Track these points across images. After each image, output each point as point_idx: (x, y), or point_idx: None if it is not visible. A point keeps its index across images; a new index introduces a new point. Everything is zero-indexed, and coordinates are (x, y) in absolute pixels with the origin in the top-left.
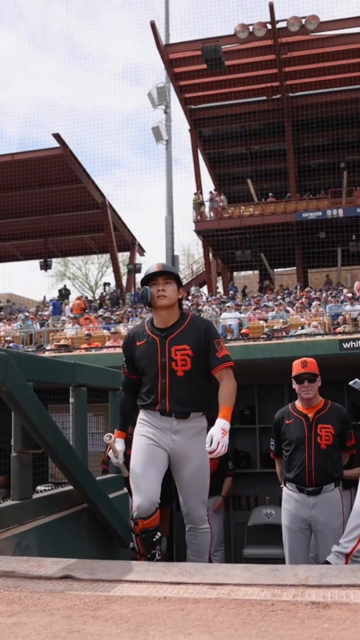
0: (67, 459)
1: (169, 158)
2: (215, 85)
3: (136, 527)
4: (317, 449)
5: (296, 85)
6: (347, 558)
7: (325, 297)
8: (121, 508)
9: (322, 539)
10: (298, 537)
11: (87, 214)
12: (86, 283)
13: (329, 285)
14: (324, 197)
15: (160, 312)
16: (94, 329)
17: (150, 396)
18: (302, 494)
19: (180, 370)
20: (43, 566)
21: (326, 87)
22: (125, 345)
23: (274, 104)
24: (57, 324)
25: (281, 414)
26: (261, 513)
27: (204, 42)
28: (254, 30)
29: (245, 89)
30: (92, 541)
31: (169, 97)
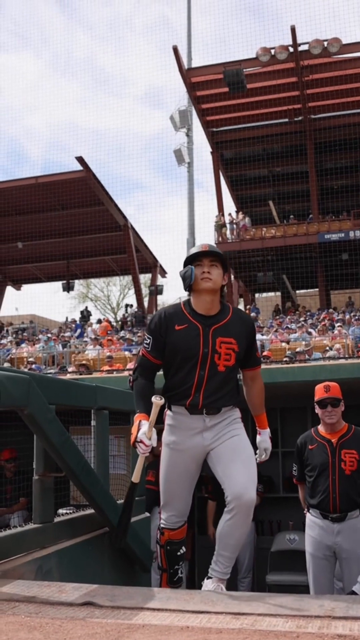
0: (89, 482)
1: (190, 180)
2: (237, 108)
3: (162, 537)
4: (341, 475)
5: (318, 107)
6: None
7: (349, 319)
8: (142, 532)
9: (347, 567)
10: (322, 565)
11: (109, 235)
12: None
13: (352, 306)
14: (346, 218)
15: (203, 296)
16: (116, 350)
17: (181, 387)
18: (326, 521)
19: (222, 365)
20: (64, 592)
21: (348, 109)
22: (157, 325)
23: (295, 126)
24: (79, 345)
25: (304, 439)
26: (284, 539)
27: (226, 65)
28: (275, 53)
29: (267, 111)
30: (113, 566)
31: (190, 120)
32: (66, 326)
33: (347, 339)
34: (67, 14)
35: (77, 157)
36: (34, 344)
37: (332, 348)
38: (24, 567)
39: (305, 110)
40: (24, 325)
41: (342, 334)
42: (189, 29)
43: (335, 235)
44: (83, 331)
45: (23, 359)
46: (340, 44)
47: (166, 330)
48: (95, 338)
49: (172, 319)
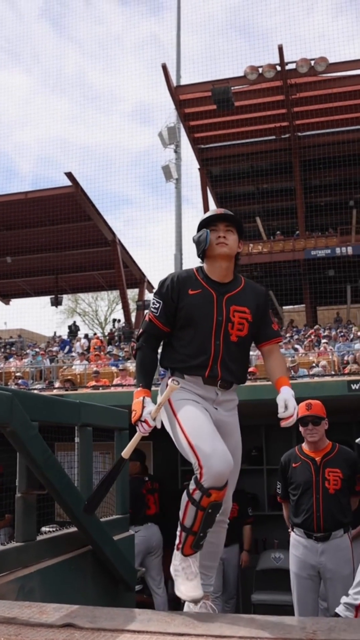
0: (72, 500)
1: (178, 196)
2: (224, 126)
3: (206, 498)
4: (325, 494)
5: (305, 125)
6: (357, 610)
7: (335, 335)
8: (126, 550)
9: (331, 587)
10: (307, 585)
11: (98, 251)
12: (96, 319)
13: (339, 323)
14: (332, 235)
15: (218, 262)
16: (103, 365)
17: (198, 358)
18: (310, 540)
19: (235, 335)
20: (45, 612)
21: (334, 127)
22: (169, 289)
23: (282, 143)
24: (66, 360)
25: (288, 457)
26: (270, 557)
27: (214, 83)
28: (263, 71)
29: (254, 128)
30: (96, 585)
31: (179, 137)
32: (54, 341)
33: (332, 356)
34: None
35: (66, 172)
36: (21, 359)
37: (318, 364)
38: (6, 586)
39: (292, 128)
40: (12, 340)
41: (328, 351)
42: (178, 47)
43: (321, 252)
44: (71, 346)
45: (11, 373)
46: (326, 63)
47: (178, 294)
48: (82, 353)
49: (186, 283)
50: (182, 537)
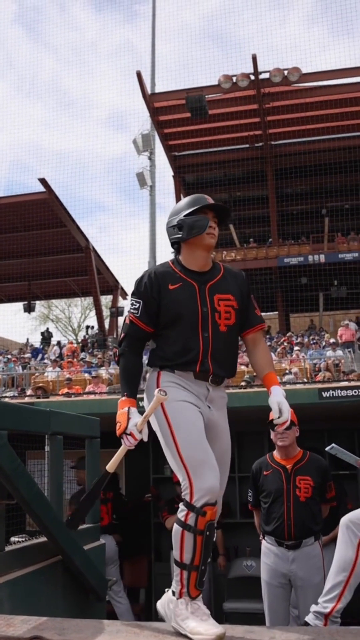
0: (41, 510)
1: (152, 203)
2: (198, 134)
3: (202, 519)
4: (296, 502)
5: (278, 134)
6: (326, 619)
7: (307, 343)
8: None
9: (302, 594)
10: (278, 593)
11: (71, 257)
12: (69, 326)
13: (312, 330)
14: (305, 243)
15: (200, 251)
16: (75, 372)
17: (187, 354)
18: (281, 548)
19: (224, 325)
20: (12, 625)
21: (307, 136)
22: (148, 286)
23: (256, 152)
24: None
25: (259, 465)
26: (241, 565)
27: (188, 91)
28: (237, 80)
29: (228, 137)
30: (66, 596)
31: (153, 144)
32: (27, 347)
33: (305, 363)
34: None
35: (39, 178)
36: None
37: (291, 372)
38: None
39: (265, 137)
40: None
41: (300, 358)
42: (153, 54)
43: (294, 260)
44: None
45: None
46: (300, 73)
47: (159, 290)
48: (55, 360)
49: (165, 278)
50: (184, 579)
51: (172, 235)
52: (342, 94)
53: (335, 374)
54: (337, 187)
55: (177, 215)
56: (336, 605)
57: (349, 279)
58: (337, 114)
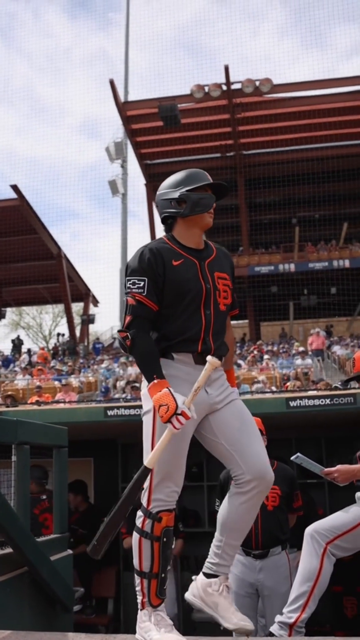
0: (6, 520)
1: (124, 211)
2: (170, 142)
3: (157, 525)
4: (263, 511)
5: (249, 144)
6: (290, 629)
7: (277, 351)
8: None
9: (269, 604)
10: (245, 603)
11: (42, 264)
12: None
13: (283, 338)
14: (275, 251)
15: (196, 230)
16: (45, 380)
17: (189, 332)
18: (248, 558)
19: (222, 304)
20: None
21: (278, 147)
22: (152, 262)
23: (227, 161)
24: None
25: (226, 474)
26: None
27: (161, 100)
28: (209, 90)
29: (199, 146)
30: (32, 607)
31: (125, 152)
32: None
33: (274, 371)
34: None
35: (11, 185)
36: None
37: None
38: None
39: (237, 147)
40: None
41: (270, 366)
42: (126, 63)
43: (265, 268)
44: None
45: None
46: (271, 84)
47: (163, 266)
48: (25, 367)
49: (168, 254)
50: (144, 588)
51: (167, 208)
52: (312, 106)
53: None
54: (307, 197)
55: (176, 189)
56: (300, 615)
57: (319, 288)
58: (307, 125)
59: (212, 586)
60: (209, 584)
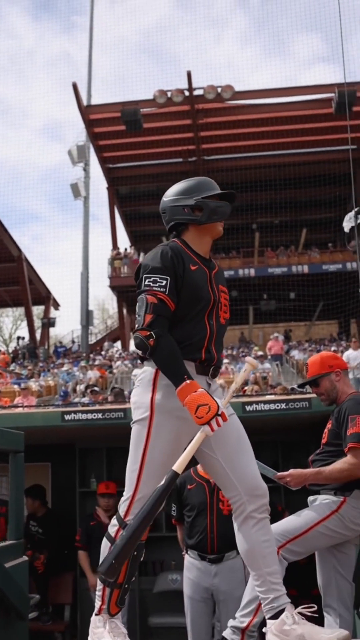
0: None
1: (86, 214)
2: (133, 146)
3: None
4: (219, 515)
5: (211, 150)
6: (243, 633)
7: (237, 355)
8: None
9: (224, 608)
10: (200, 608)
11: (2, 267)
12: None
13: (242, 342)
14: (235, 256)
15: (209, 240)
16: (5, 384)
17: (194, 337)
18: (204, 562)
19: (223, 317)
20: None
21: (239, 153)
22: (174, 261)
23: (189, 165)
24: None
25: (183, 479)
26: (167, 579)
27: (124, 104)
28: (172, 96)
29: (162, 150)
30: None
31: (88, 155)
32: None
33: (233, 375)
34: None
35: None
36: None
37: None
38: None
39: (198, 152)
40: None
41: (229, 370)
42: (90, 66)
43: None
44: None
45: None
46: (233, 91)
47: (183, 268)
48: None
49: (185, 257)
50: (105, 596)
51: (179, 215)
52: (273, 113)
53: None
54: (267, 203)
55: (189, 196)
56: (253, 619)
57: (278, 293)
58: (268, 132)
59: (287, 622)
60: (282, 622)
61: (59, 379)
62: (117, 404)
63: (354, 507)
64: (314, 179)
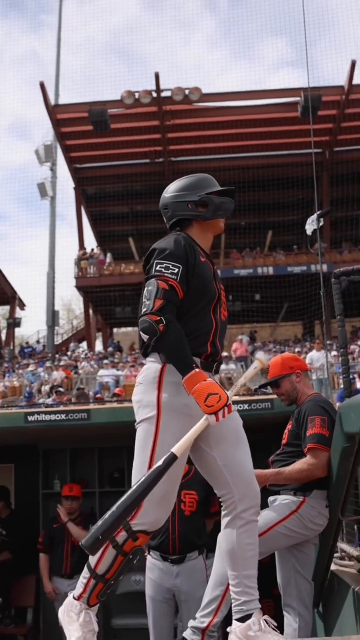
0: None
1: (53, 214)
2: (100, 147)
3: (131, 542)
4: (181, 516)
5: (178, 151)
6: (203, 634)
7: None
8: None
9: (186, 609)
10: (162, 608)
11: None
12: None
13: None
14: None
15: (211, 236)
16: None
17: (199, 331)
18: (165, 563)
19: (223, 315)
20: None
21: (206, 155)
22: (187, 250)
23: (156, 167)
24: None
25: None
26: (130, 580)
27: (91, 105)
28: (139, 97)
29: (129, 151)
30: None
31: (55, 155)
32: None
33: None
34: None
35: None
36: None
37: None
38: None
39: (165, 153)
40: None
41: None
42: (58, 65)
43: None
44: None
45: None
46: (200, 93)
47: (194, 259)
48: None
49: (195, 249)
50: (89, 586)
51: (182, 210)
52: (240, 116)
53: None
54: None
55: (193, 192)
56: (213, 620)
57: (244, 294)
58: (235, 134)
59: (253, 627)
60: (248, 627)
61: (24, 380)
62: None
63: (313, 507)
64: (280, 182)
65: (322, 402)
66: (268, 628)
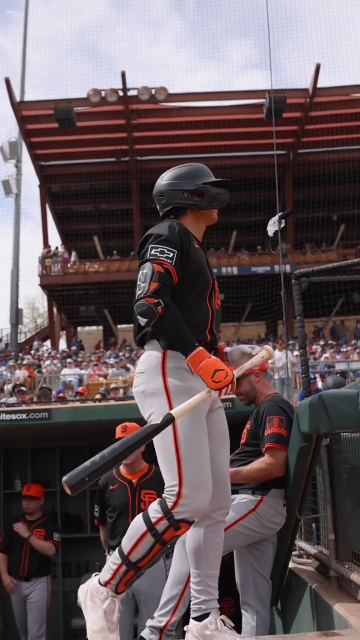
0: None
1: (17, 211)
2: (65, 145)
3: (172, 531)
4: None
5: (144, 150)
6: (161, 633)
7: None
8: None
9: (145, 608)
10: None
11: None
12: None
13: None
14: None
15: (203, 226)
16: None
17: (197, 319)
18: None
19: (217, 304)
20: None
21: (172, 154)
22: (183, 237)
23: (122, 165)
24: None
25: (105, 480)
26: None
27: (57, 102)
28: (106, 95)
29: (94, 149)
30: None
31: (20, 152)
32: None
33: None
34: None
35: None
36: None
37: None
38: None
39: (131, 152)
40: None
41: None
42: (24, 61)
43: None
44: None
45: None
46: (166, 92)
47: (189, 245)
48: None
49: (190, 235)
50: (119, 573)
51: (177, 199)
52: (206, 116)
53: None
54: None
55: (190, 180)
56: (171, 619)
57: None
58: (201, 134)
59: (209, 627)
60: (205, 626)
61: None
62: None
63: (271, 506)
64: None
65: (280, 402)
66: (224, 627)
